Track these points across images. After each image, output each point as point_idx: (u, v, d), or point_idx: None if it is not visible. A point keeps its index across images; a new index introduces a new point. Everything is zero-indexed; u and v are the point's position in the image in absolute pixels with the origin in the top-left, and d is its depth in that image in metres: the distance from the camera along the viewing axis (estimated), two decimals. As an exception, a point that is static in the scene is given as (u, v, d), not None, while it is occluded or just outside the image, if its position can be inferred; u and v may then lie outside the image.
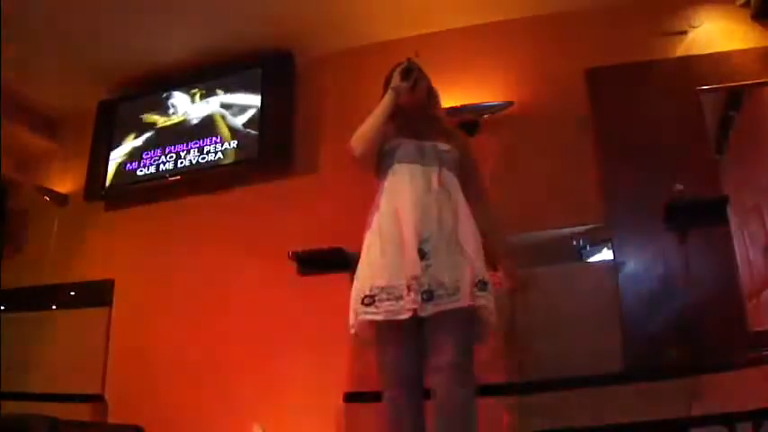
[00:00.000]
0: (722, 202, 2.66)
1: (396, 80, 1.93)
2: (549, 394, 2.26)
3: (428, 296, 1.67)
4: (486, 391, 2.05)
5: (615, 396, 2.34)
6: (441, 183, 1.82)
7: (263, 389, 3.03)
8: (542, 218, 2.86)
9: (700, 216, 2.70)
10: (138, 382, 3.26)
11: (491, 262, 1.89)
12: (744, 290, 2.68)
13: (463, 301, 1.68)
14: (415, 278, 1.67)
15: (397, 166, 1.87)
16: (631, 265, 2.77)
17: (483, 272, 1.76)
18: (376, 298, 1.70)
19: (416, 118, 1.96)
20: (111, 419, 3.23)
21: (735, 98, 3.11)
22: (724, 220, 2.70)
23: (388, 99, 1.92)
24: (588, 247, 2.85)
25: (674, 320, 2.59)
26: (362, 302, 1.72)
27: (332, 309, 2.94)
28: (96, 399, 3.29)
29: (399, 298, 1.67)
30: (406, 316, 1.66)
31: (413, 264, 1.69)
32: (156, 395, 3.19)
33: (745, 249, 2.86)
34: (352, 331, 1.79)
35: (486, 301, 1.72)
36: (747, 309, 2.65)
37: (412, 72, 1.93)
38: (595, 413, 2.31)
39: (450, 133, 2.02)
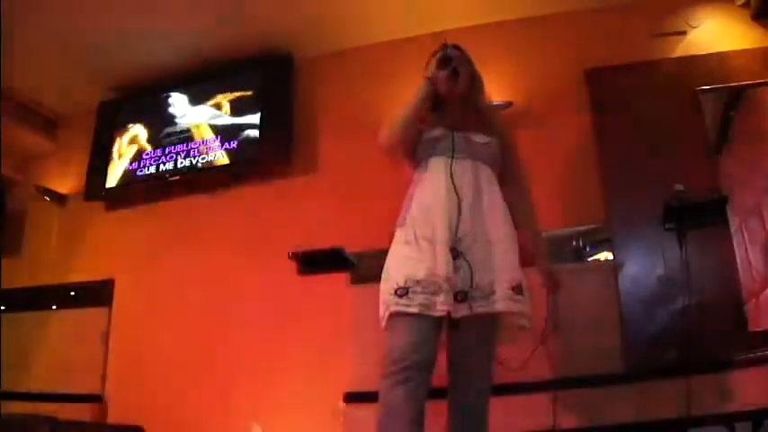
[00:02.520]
0: (722, 202, 2.66)
1: (432, 69, 1.82)
2: (548, 394, 2.25)
3: (462, 297, 1.61)
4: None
5: (615, 396, 2.34)
6: (477, 178, 1.75)
7: (263, 389, 3.04)
8: (542, 218, 2.84)
9: (699, 216, 2.69)
10: (138, 382, 3.27)
11: (527, 258, 1.83)
12: (743, 290, 2.67)
13: (499, 305, 1.62)
14: (448, 279, 1.61)
15: (432, 160, 1.79)
16: (631, 266, 2.76)
17: (519, 275, 1.70)
18: (410, 290, 1.62)
19: (458, 108, 1.87)
20: (111, 419, 3.24)
21: (735, 98, 3.10)
22: (724, 220, 2.70)
23: (423, 90, 1.81)
24: (588, 247, 2.85)
25: (674, 320, 2.59)
26: (396, 293, 1.63)
27: (332, 309, 2.97)
28: (96, 399, 3.29)
29: (434, 294, 1.61)
30: (439, 314, 1.60)
31: (445, 263, 1.62)
32: (156, 395, 3.19)
33: (745, 249, 2.85)
34: (383, 324, 1.69)
35: (522, 306, 1.66)
36: (747, 309, 2.65)
37: (450, 61, 1.82)
38: (595, 413, 2.31)
39: (492, 123, 1.92)
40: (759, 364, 2.28)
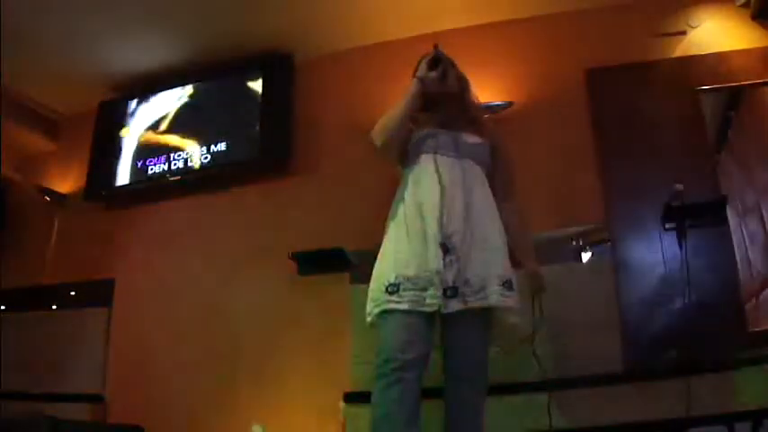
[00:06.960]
0: (721, 201, 2.66)
1: (423, 70, 1.85)
2: (547, 394, 2.25)
3: (452, 293, 1.62)
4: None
5: (615, 396, 2.34)
6: (467, 176, 1.77)
7: (263, 389, 3.04)
8: (542, 218, 2.85)
9: (699, 216, 2.70)
10: (138, 382, 3.26)
11: (515, 260, 1.84)
12: (743, 290, 2.67)
13: (490, 299, 1.64)
14: (438, 273, 1.62)
15: (423, 157, 1.81)
16: (631, 265, 2.77)
17: (509, 271, 1.72)
18: (401, 287, 1.64)
19: (448, 108, 1.90)
20: (111, 419, 3.23)
21: (735, 98, 3.11)
22: (723, 220, 2.70)
23: (413, 89, 1.83)
24: (588, 248, 2.85)
25: (674, 320, 2.59)
26: (386, 290, 1.65)
27: (332, 309, 2.98)
28: (96, 399, 3.29)
29: (424, 290, 1.62)
30: (429, 309, 1.61)
31: (435, 258, 1.64)
32: (156, 395, 3.19)
33: (744, 249, 2.86)
34: (369, 320, 1.71)
35: (512, 302, 1.69)
36: (747, 309, 2.65)
37: (440, 62, 1.85)
38: (595, 413, 2.31)
39: (482, 125, 1.95)
40: (759, 364, 2.28)
